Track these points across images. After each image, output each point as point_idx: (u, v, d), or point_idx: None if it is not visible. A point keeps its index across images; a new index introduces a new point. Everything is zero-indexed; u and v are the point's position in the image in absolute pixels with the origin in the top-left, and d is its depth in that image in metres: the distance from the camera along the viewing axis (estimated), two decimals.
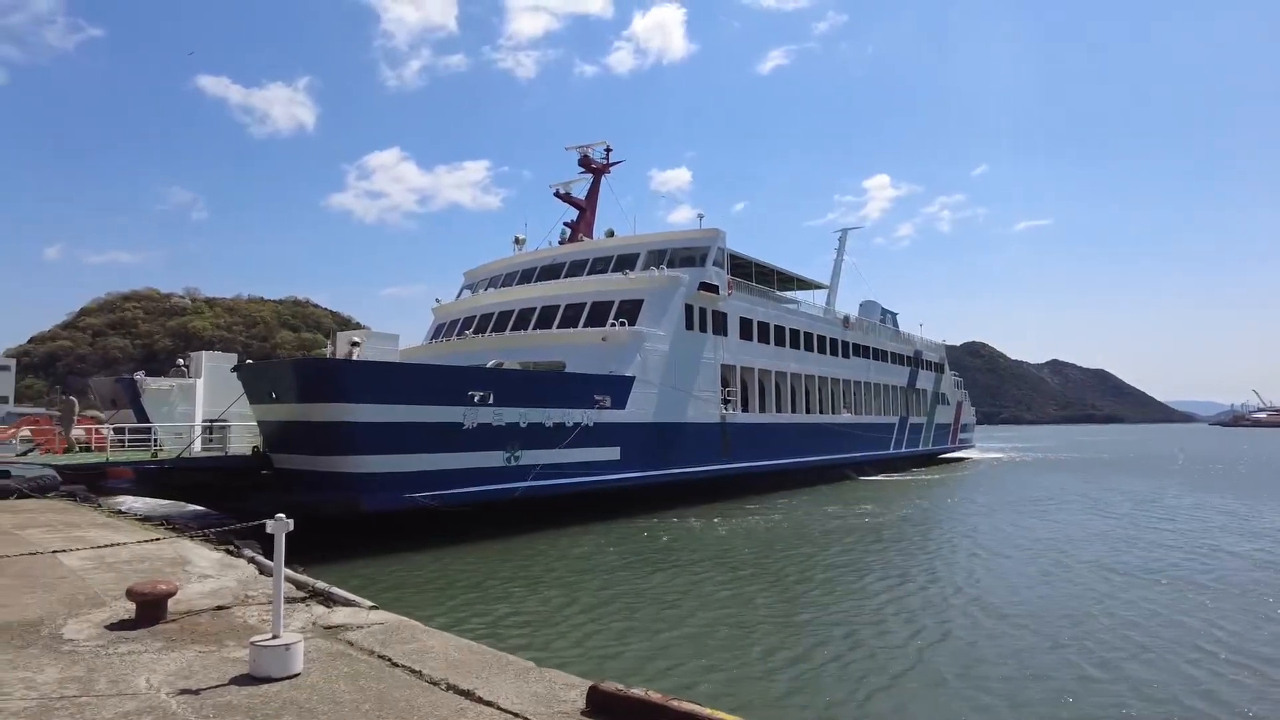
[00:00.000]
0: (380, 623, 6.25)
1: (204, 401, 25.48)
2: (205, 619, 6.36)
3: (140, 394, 24.86)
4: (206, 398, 25.47)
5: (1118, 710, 8.91)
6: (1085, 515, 26.83)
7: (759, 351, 34.08)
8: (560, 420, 23.17)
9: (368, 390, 19.00)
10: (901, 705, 9.04)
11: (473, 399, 20.80)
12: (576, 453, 23.59)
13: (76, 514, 12.58)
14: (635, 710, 4.22)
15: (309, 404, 19.04)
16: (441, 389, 20.55)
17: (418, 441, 19.80)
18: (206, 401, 25.31)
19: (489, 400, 21.11)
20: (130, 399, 24.99)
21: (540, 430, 22.57)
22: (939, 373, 57.67)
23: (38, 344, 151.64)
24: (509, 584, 15.57)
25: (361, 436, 18.95)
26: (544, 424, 22.69)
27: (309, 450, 19.44)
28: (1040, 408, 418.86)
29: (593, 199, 38.38)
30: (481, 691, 4.63)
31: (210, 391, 25.46)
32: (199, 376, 26.39)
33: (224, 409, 22.24)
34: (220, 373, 25.27)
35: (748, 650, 11.11)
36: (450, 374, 21.73)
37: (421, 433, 19.83)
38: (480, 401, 20.94)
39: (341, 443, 18.99)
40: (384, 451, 19.21)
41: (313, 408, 19.00)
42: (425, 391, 20.15)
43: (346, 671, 5.01)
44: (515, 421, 21.88)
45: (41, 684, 4.74)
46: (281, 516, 5.05)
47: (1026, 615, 13.00)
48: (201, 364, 26.79)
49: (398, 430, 19.37)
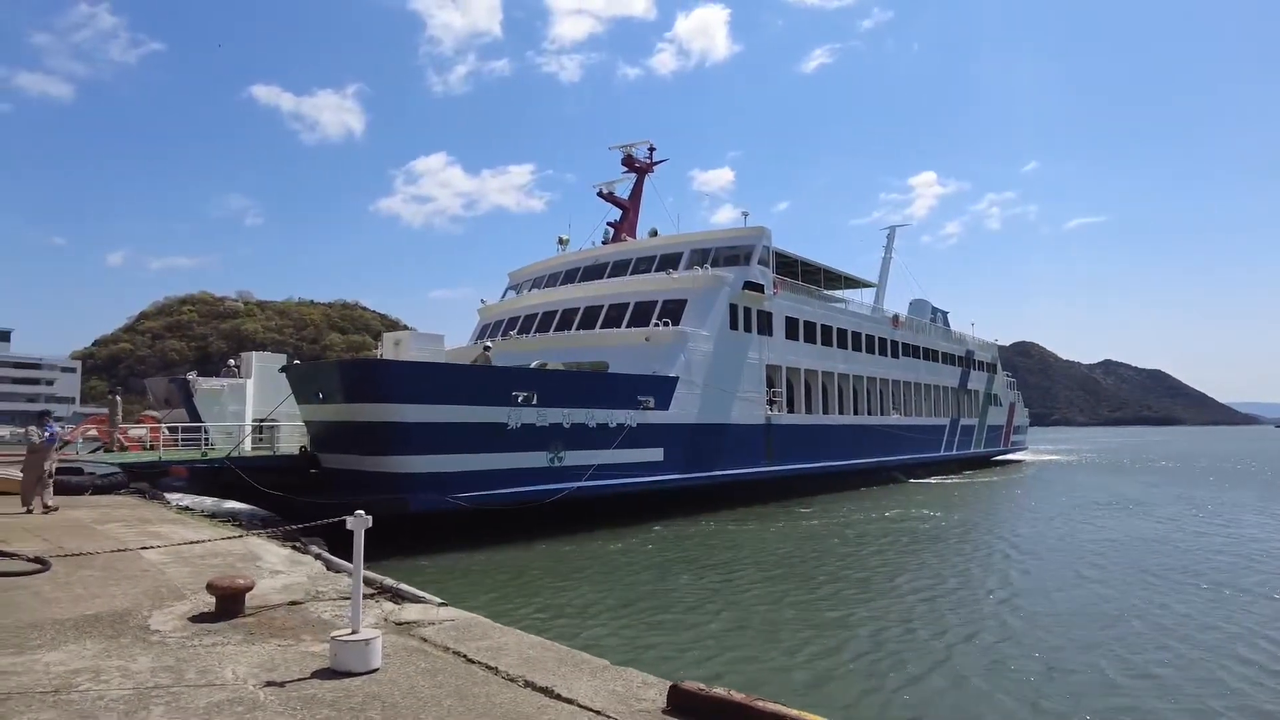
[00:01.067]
0: (451, 619, 6.34)
1: (254, 401, 25.95)
2: (280, 614, 6.52)
3: (193, 394, 25.42)
4: (256, 397, 25.94)
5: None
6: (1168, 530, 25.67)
7: (805, 351, 33.55)
8: (604, 421, 23.00)
9: (413, 390, 19.05)
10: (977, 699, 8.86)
11: (516, 399, 20.77)
12: (620, 454, 23.38)
13: (147, 510, 13.03)
14: (718, 710, 4.19)
15: (355, 404, 19.19)
16: (485, 389, 20.54)
17: (462, 442, 19.79)
18: (256, 401, 25.76)
19: (532, 400, 21.07)
20: (183, 399, 25.57)
21: (584, 431, 22.44)
22: (991, 373, 56.28)
23: (101, 347, 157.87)
24: (557, 582, 15.54)
25: (408, 437, 19.02)
26: (587, 424, 22.55)
27: (356, 450, 19.61)
28: (1092, 409, 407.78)
29: (636, 199, 38.21)
30: (560, 689, 4.64)
31: (260, 391, 25.92)
32: (249, 377, 26.89)
33: (273, 409, 22.57)
34: (269, 373, 25.71)
35: (820, 651, 10.95)
36: (494, 374, 21.73)
37: (466, 433, 19.82)
38: (524, 402, 20.90)
39: (388, 443, 19.08)
40: (429, 451, 19.25)
41: (359, 408, 19.15)
42: (470, 392, 20.14)
43: (424, 667, 5.07)
44: (558, 422, 21.77)
45: (135, 672, 4.91)
46: (361, 513, 5.14)
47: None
48: (252, 364, 27.30)
49: (443, 430, 19.40)
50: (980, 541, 21.56)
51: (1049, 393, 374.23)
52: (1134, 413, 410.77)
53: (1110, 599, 14.48)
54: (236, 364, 28.15)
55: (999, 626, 12.45)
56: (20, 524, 10.77)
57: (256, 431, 22.66)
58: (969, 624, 12.56)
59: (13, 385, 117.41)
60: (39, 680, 4.71)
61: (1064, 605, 14.03)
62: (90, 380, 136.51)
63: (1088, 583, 15.93)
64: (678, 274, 29.39)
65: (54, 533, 9.92)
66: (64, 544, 8.90)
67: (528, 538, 20.10)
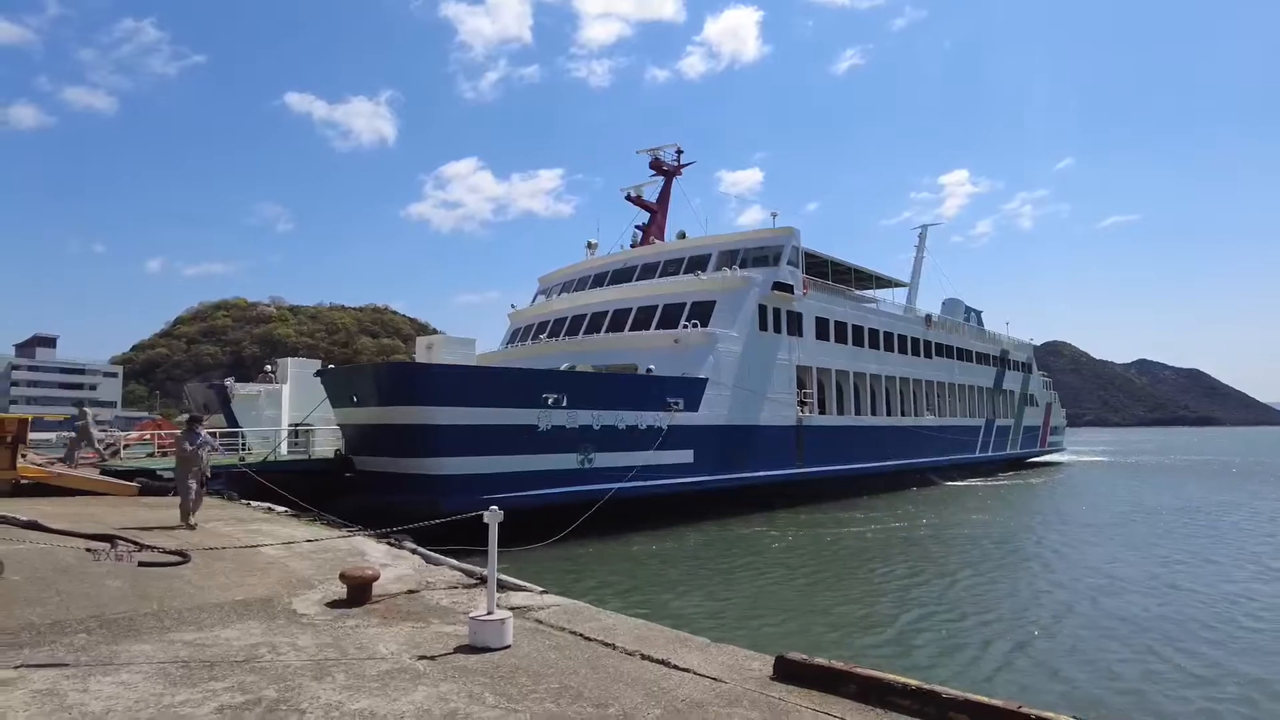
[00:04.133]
0: (557, 604, 7.05)
1: (289, 406, 26.47)
2: (401, 601, 7.27)
3: (230, 399, 26.01)
4: (292, 402, 26.47)
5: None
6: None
7: (836, 352, 33.33)
8: (633, 423, 22.98)
9: (446, 393, 19.23)
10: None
11: (546, 401, 20.86)
12: (649, 455, 23.32)
13: (237, 510, 13.96)
14: (821, 675, 4.81)
15: (389, 407, 19.40)
16: (516, 392, 20.68)
17: (493, 443, 19.90)
18: (292, 406, 26.28)
19: (562, 403, 21.14)
20: (221, 403, 26.11)
21: (613, 432, 22.48)
22: (1027, 373, 55.47)
23: (139, 352, 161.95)
24: (612, 576, 15.91)
25: (440, 439, 19.20)
26: (617, 426, 22.56)
27: (390, 452, 19.82)
28: (1127, 409, 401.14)
29: (664, 201, 38.27)
30: (675, 660, 5.30)
31: (295, 396, 26.43)
32: (285, 382, 27.44)
33: (308, 413, 22.93)
34: (305, 378, 26.25)
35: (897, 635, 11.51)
36: (524, 376, 21.88)
37: (497, 435, 19.93)
38: (554, 404, 20.98)
39: (421, 445, 19.26)
40: (461, 453, 19.40)
41: (393, 411, 19.35)
42: (501, 394, 20.29)
43: (550, 644, 5.79)
44: (588, 424, 21.81)
45: (304, 647, 5.67)
46: (495, 508, 5.88)
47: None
48: (287, 370, 27.84)
49: (474, 432, 19.53)
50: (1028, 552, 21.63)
51: (1081, 393, 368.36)
52: (1170, 413, 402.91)
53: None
54: (272, 369, 28.71)
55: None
56: (141, 522, 11.62)
57: (293, 436, 22.98)
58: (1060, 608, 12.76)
59: (59, 390, 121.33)
60: (228, 651, 5.50)
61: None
62: (129, 384, 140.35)
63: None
64: (706, 276, 29.32)
65: (176, 530, 10.75)
66: (187, 540, 9.78)
67: (563, 539, 20.10)
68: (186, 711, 4.27)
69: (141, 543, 8.74)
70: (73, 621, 6.10)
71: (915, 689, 4.37)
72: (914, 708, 4.33)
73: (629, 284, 32.03)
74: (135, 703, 4.38)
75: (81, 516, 11.29)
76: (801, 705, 4.42)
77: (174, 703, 4.39)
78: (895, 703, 4.40)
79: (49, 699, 4.40)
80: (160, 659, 5.24)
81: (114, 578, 7.53)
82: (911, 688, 4.39)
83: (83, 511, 12.16)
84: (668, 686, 4.80)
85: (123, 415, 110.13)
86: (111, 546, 8.78)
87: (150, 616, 6.38)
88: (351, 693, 4.63)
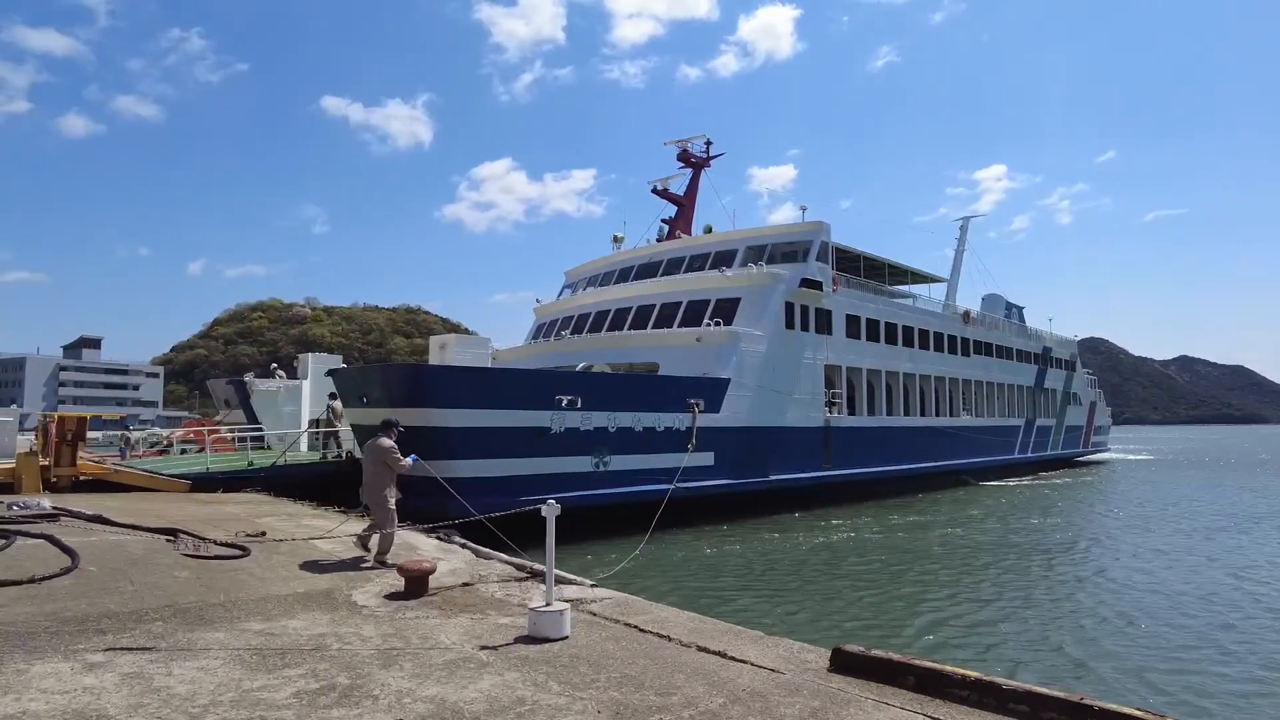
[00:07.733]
0: (609, 597, 7.17)
1: (309, 402, 26.49)
2: (458, 593, 7.44)
3: (250, 395, 26.19)
4: (312, 398, 26.44)
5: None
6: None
7: (868, 350, 32.51)
8: (651, 425, 22.39)
9: (455, 395, 18.87)
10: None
11: (560, 403, 20.38)
12: (668, 458, 22.62)
13: (284, 506, 14.33)
14: (880, 667, 4.85)
15: (398, 409, 18.89)
16: (528, 393, 20.21)
17: (504, 446, 19.48)
18: (312, 402, 26.26)
19: (577, 404, 20.64)
20: (241, 400, 26.40)
21: (630, 435, 21.93)
22: (1070, 371, 53.94)
23: (178, 353, 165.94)
24: (645, 575, 16.16)
25: (449, 441, 18.82)
26: (634, 428, 22.00)
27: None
28: (1167, 407, 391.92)
29: (692, 195, 37.55)
30: (732, 652, 5.38)
31: (316, 392, 26.23)
32: (305, 378, 27.45)
33: (328, 409, 22.60)
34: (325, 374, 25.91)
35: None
36: (537, 377, 21.49)
37: (508, 437, 19.53)
38: (568, 405, 20.48)
39: (429, 447, 19.30)
40: (472, 456, 18.96)
41: (401, 413, 19.38)
42: (512, 395, 19.84)
43: (606, 635, 5.91)
44: (604, 426, 21.29)
45: (368, 637, 5.85)
46: (552, 502, 6.01)
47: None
48: (308, 366, 27.82)
49: (484, 435, 19.15)
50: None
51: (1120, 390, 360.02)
52: (1213, 410, 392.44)
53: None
54: (278, 368, 29.16)
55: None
56: (192, 515, 12.02)
57: (313, 431, 22.72)
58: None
59: (104, 390, 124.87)
60: (296, 640, 5.70)
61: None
62: (169, 384, 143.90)
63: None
64: (731, 272, 28.56)
65: (229, 524, 11.14)
66: (244, 533, 10.09)
67: (579, 539, 19.45)
68: (266, 695, 4.46)
69: (201, 536, 9.06)
70: (149, 610, 6.37)
71: (975, 680, 4.41)
72: (973, 699, 4.37)
73: (653, 279, 31.51)
74: (217, 686, 4.58)
75: (142, 511, 11.69)
76: (863, 696, 4.48)
77: (253, 687, 4.59)
78: (954, 694, 4.44)
79: (138, 681, 4.63)
80: (234, 646, 5.46)
81: (181, 569, 7.82)
82: (971, 679, 4.43)
83: (142, 507, 12.57)
84: (727, 677, 4.88)
85: (164, 415, 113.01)
86: (174, 539, 9.12)
87: (219, 607, 6.62)
88: (420, 680, 4.78)
